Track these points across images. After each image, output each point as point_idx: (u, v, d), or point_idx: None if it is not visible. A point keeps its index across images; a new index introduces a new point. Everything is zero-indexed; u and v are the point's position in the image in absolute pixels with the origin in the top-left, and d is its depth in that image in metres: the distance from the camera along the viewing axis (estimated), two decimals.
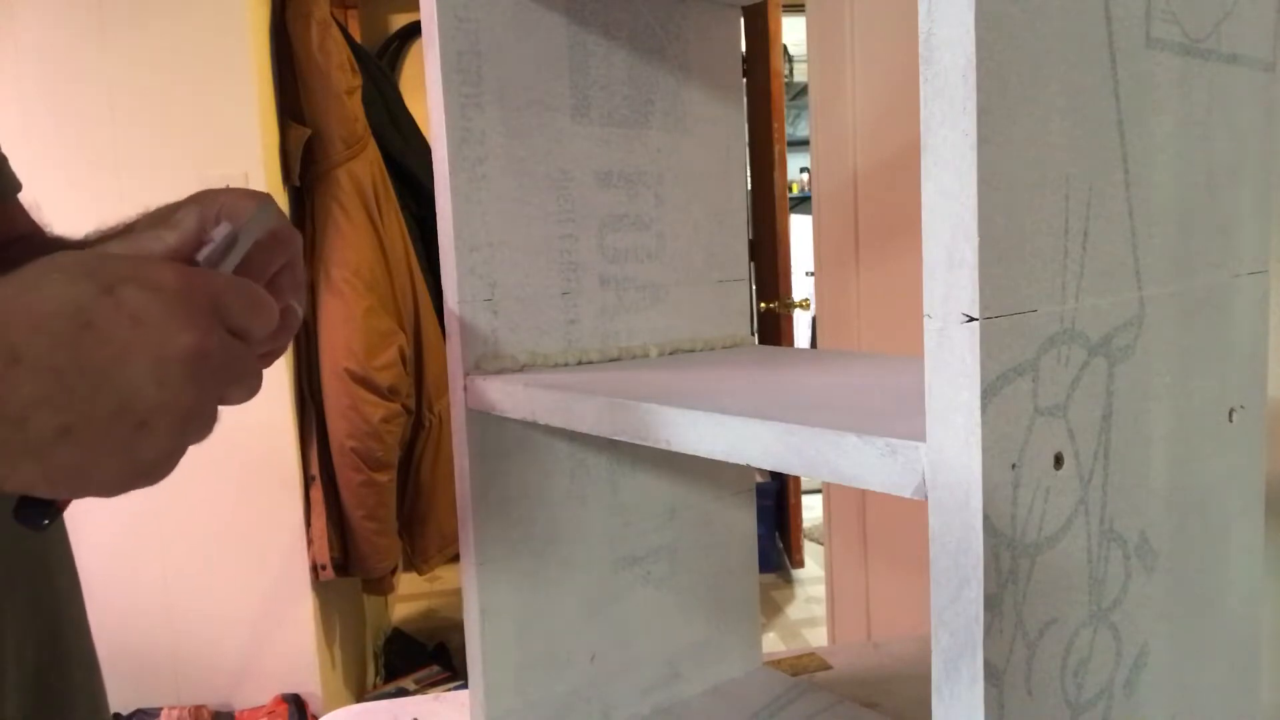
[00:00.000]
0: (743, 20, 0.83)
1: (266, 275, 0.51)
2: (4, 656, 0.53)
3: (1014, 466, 0.37)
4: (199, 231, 0.46)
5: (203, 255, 0.46)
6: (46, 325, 0.37)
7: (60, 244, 0.62)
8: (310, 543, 2.04)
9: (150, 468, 0.40)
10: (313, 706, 2.00)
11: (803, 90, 4.52)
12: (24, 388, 0.37)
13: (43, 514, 0.41)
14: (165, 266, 0.41)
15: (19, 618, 0.55)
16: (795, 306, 2.89)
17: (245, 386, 0.43)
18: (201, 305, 0.41)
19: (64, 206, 0.68)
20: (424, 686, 2.38)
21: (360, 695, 2.38)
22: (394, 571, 2.26)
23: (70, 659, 0.60)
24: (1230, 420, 0.51)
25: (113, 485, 0.40)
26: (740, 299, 0.83)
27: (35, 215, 0.67)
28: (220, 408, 0.43)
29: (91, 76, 1.86)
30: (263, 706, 1.97)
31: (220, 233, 0.47)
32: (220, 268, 0.46)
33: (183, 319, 0.39)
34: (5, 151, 0.64)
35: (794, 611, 3.29)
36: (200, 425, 0.41)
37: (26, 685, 0.55)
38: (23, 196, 0.66)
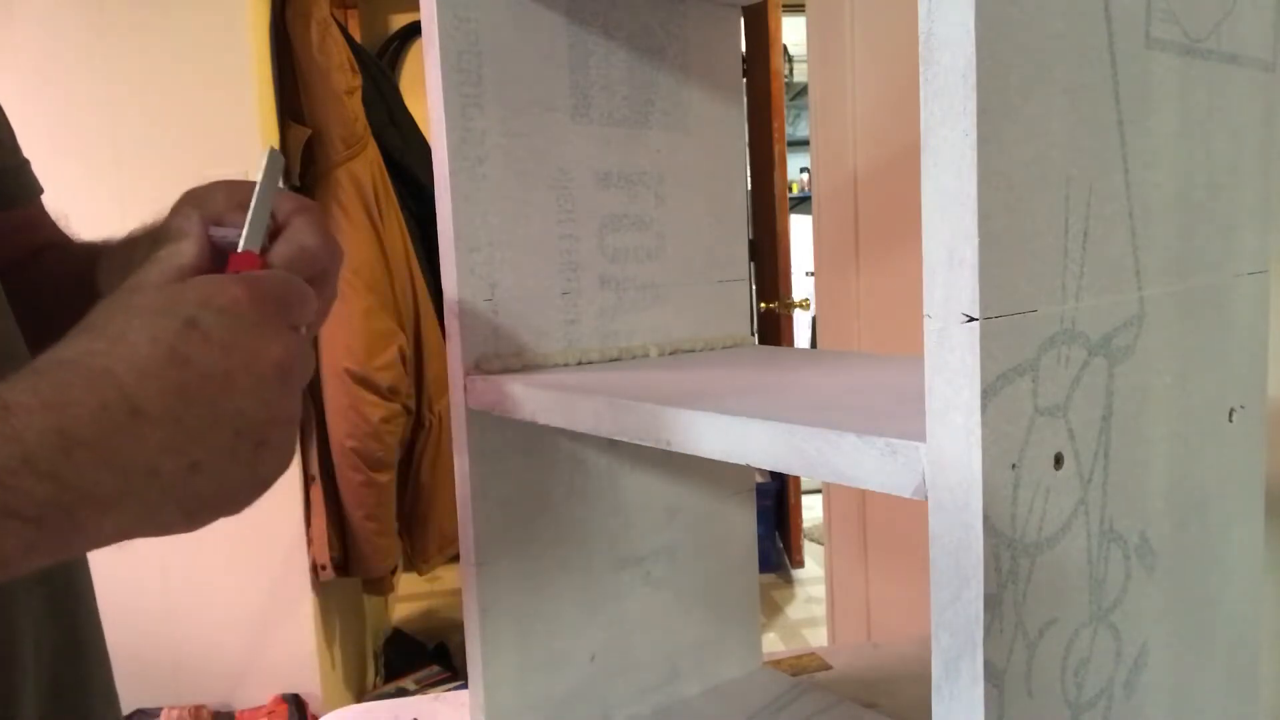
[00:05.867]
0: (743, 20, 0.83)
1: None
2: (21, 657, 0.52)
3: (1014, 466, 0.37)
4: (203, 235, 0.47)
5: (236, 239, 0.47)
6: (151, 372, 0.39)
7: (90, 249, 0.63)
8: (310, 543, 2.04)
9: (271, 477, 0.43)
10: (312, 706, 2.00)
11: (803, 90, 4.52)
12: (149, 439, 0.39)
13: None
14: (229, 284, 0.43)
15: (36, 617, 0.54)
16: (795, 306, 2.89)
17: (309, 374, 0.46)
18: (274, 314, 0.43)
19: (63, 207, 0.67)
20: (424, 686, 2.39)
21: (360, 695, 2.38)
22: (394, 571, 2.26)
23: (87, 659, 0.59)
24: (1230, 420, 0.51)
25: (241, 502, 0.42)
26: (740, 299, 0.83)
27: (63, 225, 0.68)
28: None
29: (91, 76, 1.86)
30: (262, 706, 1.97)
31: (234, 223, 0.48)
32: (249, 234, 0.47)
33: (266, 334, 0.42)
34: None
35: (794, 611, 3.29)
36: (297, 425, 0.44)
37: (43, 686, 0.54)
38: (51, 207, 0.67)
